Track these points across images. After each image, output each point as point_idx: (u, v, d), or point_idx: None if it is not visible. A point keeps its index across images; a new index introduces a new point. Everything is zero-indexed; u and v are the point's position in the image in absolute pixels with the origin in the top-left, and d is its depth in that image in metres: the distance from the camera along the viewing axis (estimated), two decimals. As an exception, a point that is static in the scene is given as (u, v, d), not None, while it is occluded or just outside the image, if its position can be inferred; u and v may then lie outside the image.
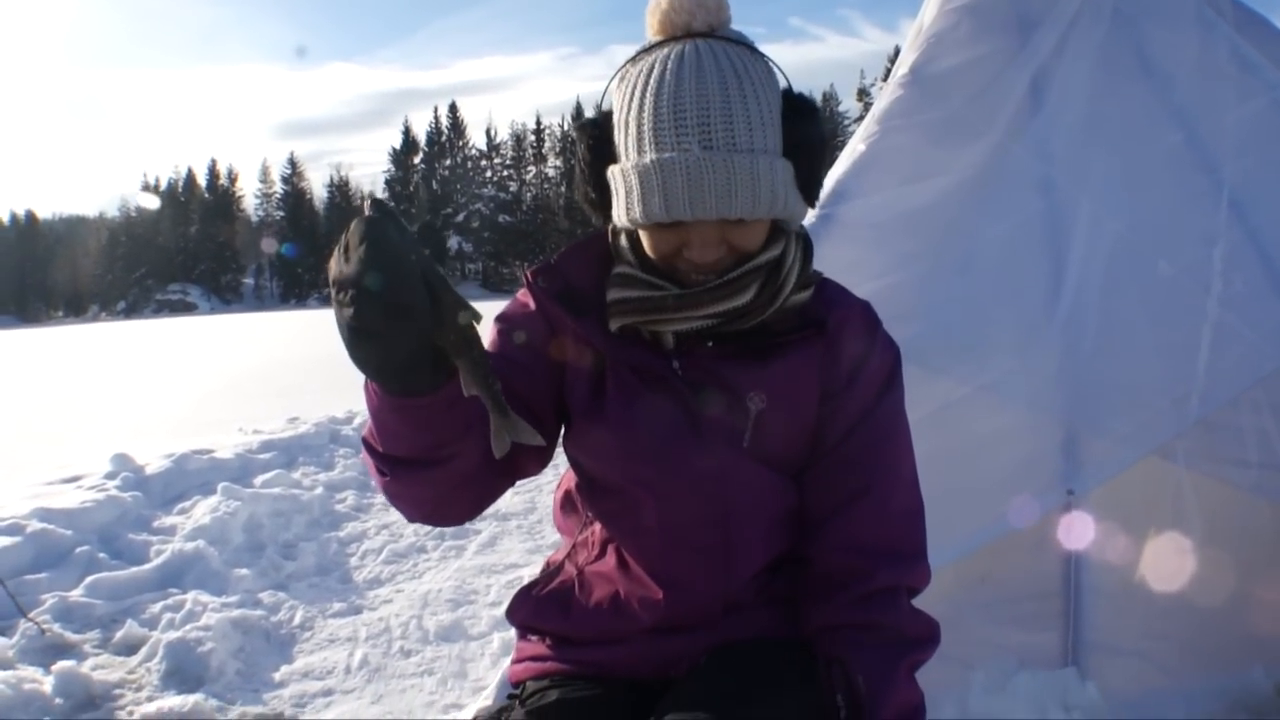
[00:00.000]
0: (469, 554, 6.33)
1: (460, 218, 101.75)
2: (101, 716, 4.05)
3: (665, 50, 1.67)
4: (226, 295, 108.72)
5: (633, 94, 1.68)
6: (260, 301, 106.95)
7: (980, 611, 3.54)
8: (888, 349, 1.86)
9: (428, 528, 6.80)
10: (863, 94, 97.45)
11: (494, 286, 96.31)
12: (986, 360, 3.61)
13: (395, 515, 7.22)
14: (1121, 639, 3.72)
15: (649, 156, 1.63)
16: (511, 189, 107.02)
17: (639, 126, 1.65)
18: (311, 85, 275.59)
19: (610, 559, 1.85)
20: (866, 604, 1.71)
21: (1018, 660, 3.60)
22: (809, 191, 1.75)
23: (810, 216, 3.83)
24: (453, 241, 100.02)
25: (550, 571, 1.97)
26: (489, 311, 1.66)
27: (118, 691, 4.28)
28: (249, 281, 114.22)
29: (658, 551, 1.78)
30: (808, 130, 1.71)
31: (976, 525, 3.25)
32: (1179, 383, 3.62)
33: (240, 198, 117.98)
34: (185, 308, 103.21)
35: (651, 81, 1.65)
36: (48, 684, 4.20)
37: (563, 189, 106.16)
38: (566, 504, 1.99)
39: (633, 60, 1.72)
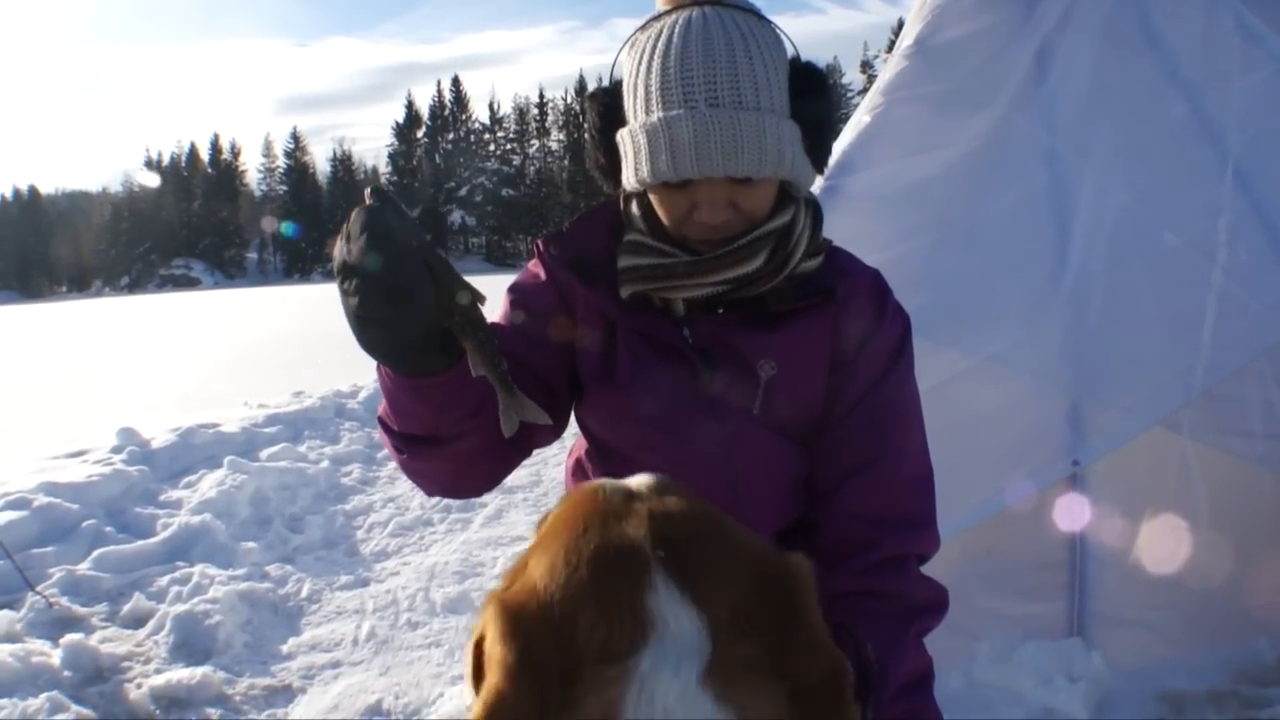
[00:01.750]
0: (475, 527, 6.36)
1: (463, 192, 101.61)
2: (110, 689, 4.07)
3: (673, 17, 1.68)
4: (230, 270, 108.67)
5: (641, 58, 1.68)
6: (264, 276, 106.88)
7: (986, 582, 3.56)
8: (898, 317, 1.83)
9: (434, 501, 6.82)
10: (866, 66, 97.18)
11: (497, 260, 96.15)
12: (992, 332, 3.63)
13: (401, 488, 7.27)
14: (1126, 609, 3.75)
15: (656, 115, 1.64)
16: (515, 163, 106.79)
17: (646, 87, 1.66)
18: (313, 60, 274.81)
19: None
20: (876, 572, 1.70)
21: (1023, 631, 3.63)
22: (817, 158, 1.74)
23: (816, 187, 3.83)
24: (456, 216, 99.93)
25: None
26: (493, 285, 1.66)
27: (126, 664, 4.30)
28: (252, 256, 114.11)
29: None
30: (815, 97, 1.71)
31: (982, 497, 3.27)
32: (1184, 354, 3.64)
33: (243, 173, 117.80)
34: (189, 283, 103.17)
35: (659, 45, 1.66)
36: (56, 656, 4.22)
37: (566, 162, 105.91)
38: (578, 471, 1.98)
39: (642, 28, 1.72)
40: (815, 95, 1.71)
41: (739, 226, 1.70)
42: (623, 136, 1.72)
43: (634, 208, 1.80)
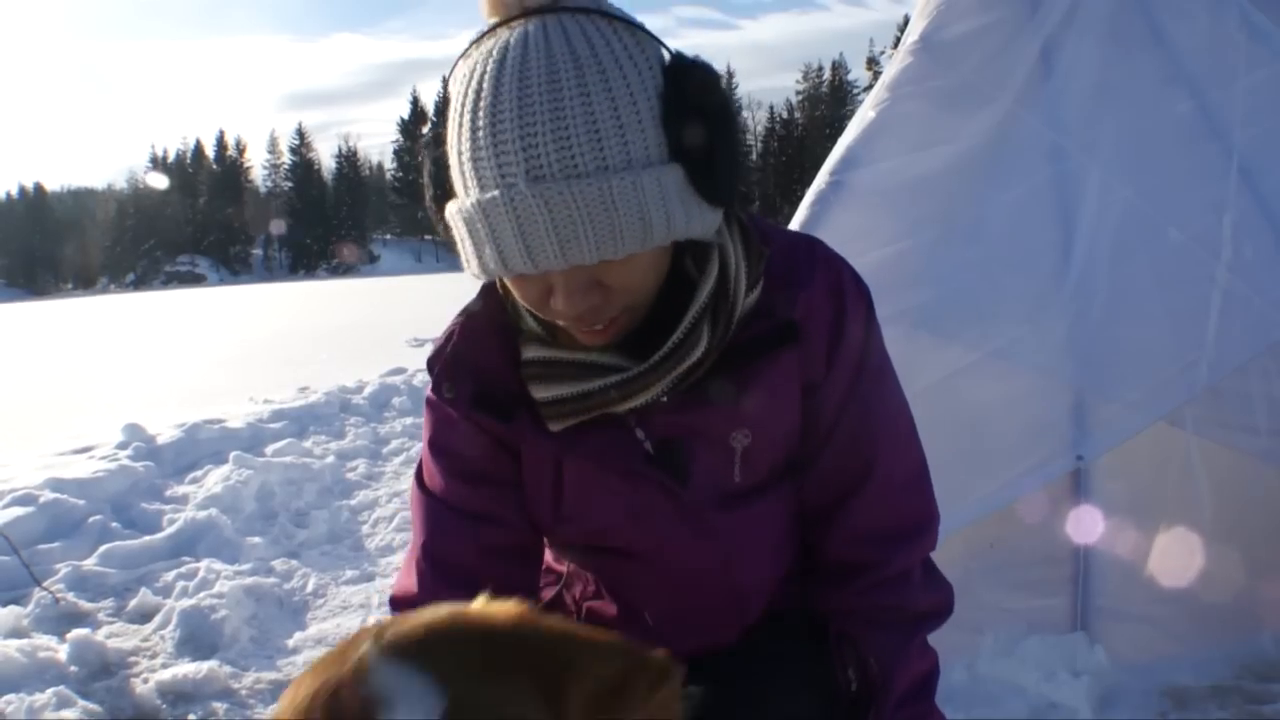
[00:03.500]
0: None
1: None
2: (116, 684, 4.08)
3: (490, 43, 1.31)
4: (235, 267, 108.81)
5: (456, 108, 1.33)
6: (269, 273, 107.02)
7: (989, 577, 3.56)
8: (858, 301, 1.61)
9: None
10: (872, 63, 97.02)
11: None
12: (996, 326, 3.62)
13: (406, 483, 7.28)
14: (1130, 604, 3.75)
15: (472, 196, 1.30)
16: None
17: (459, 156, 1.32)
18: (318, 56, 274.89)
19: (609, 601, 1.72)
20: (879, 590, 1.63)
21: (1026, 625, 3.63)
22: (715, 188, 1.36)
23: (820, 182, 3.84)
24: None
25: (547, 607, 1.76)
26: None
27: (132, 659, 4.32)
28: (258, 253, 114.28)
29: (664, 600, 1.66)
30: (703, 108, 1.32)
31: (986, 491, 3.27)
32: (1188, 349, 3.65)
33: (248, 169, 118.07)
34: (194, 279, 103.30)
35: (470, 92, 1.30)
36: (62, 652, 4.24)
37: None
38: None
39: (463, 55, 1.36)
40: (701, 106, 1.32)
41: (617, 305, 1.39)
42: (450, 216, 1.38)
43: (517, 297, 1.46)
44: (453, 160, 1.33)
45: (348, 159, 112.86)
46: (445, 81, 1.37)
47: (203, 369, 15.01)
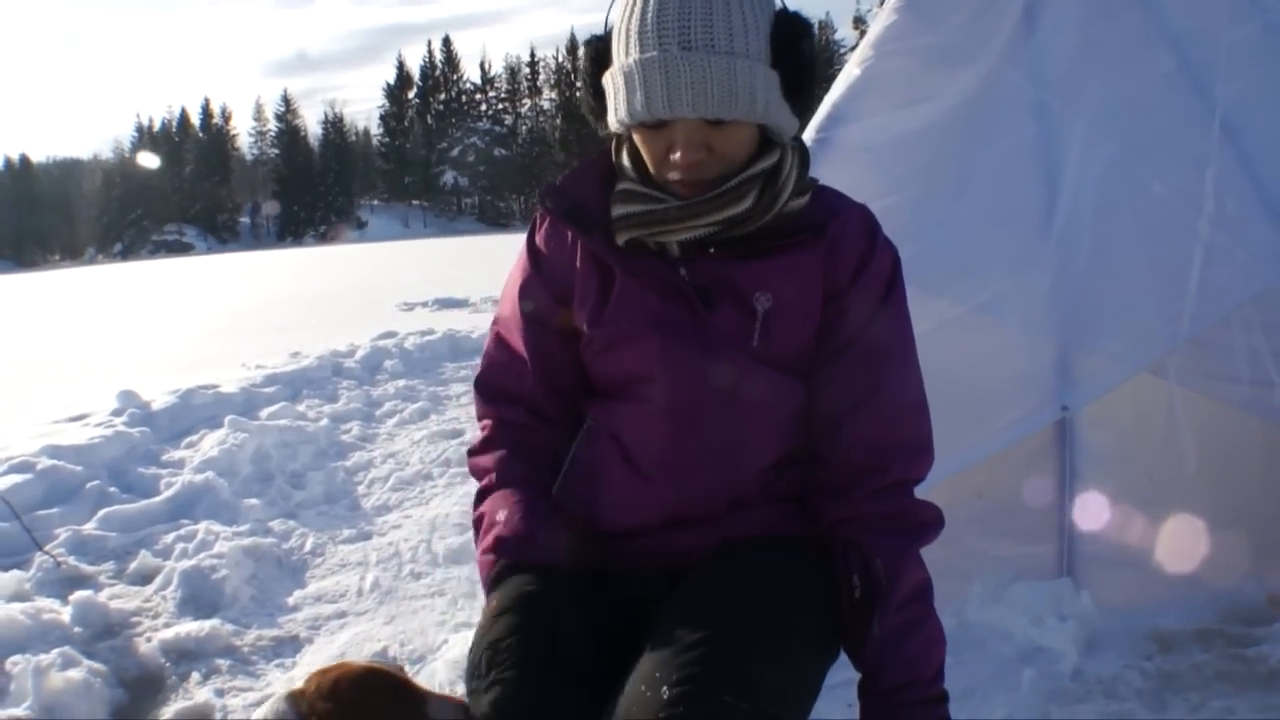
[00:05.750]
0: (474, 480, 6.40)
1: (455, 152, 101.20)
2: (120, 643, 4.15)
3: None
4: (223, 235, 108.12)
5: (628, 4, 1.76)
6: (257, 240, 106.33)
7: (977, 525, 3.63)
8: (887, 249, 1.91)
9: (434, 455, 7.10)
10: (858, 22, 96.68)
11: (490, 220, 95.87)
12: (982, 280, 3.69)
13: (401, 444, 7.41)
14: (1115, 551, 3.82)
15: (634, 57, 1.72)
16: (506, 122, 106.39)
17: (627, 32, 1.74)
18: (303, 22, 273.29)
19: (615, 454, 1.90)
20: (883, 496, 1.81)
21: (1014, 572, 3.72)
22: (798, 104, 1.81)
23: (807, 139, 3.89)
24: (449, 176, 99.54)
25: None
26: (487, 244, 1.76)
27: (135, 619, 4.39)
28: (245, 221, 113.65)
29: (666, 446, 1.85)
30: (797, 46, 1.76)
31: (972, 441, 3.33)
32: (1171, 301, 3.70)
33: (234, 137, 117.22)
34: (182, 248, 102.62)
35: None
36: (66, 614, 4.30)
37: (558, 121, 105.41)
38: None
39: None
40: (797, 44, 1.76)
41: (715, 168, 1.78)
42: (607, 79, 1.81)
43: (624, 158, 1.90)
44: (620, 37, 1.76)
45: (334, 125, 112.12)
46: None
47: (194, 336, 15.04)
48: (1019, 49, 4.26)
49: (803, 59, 1.77)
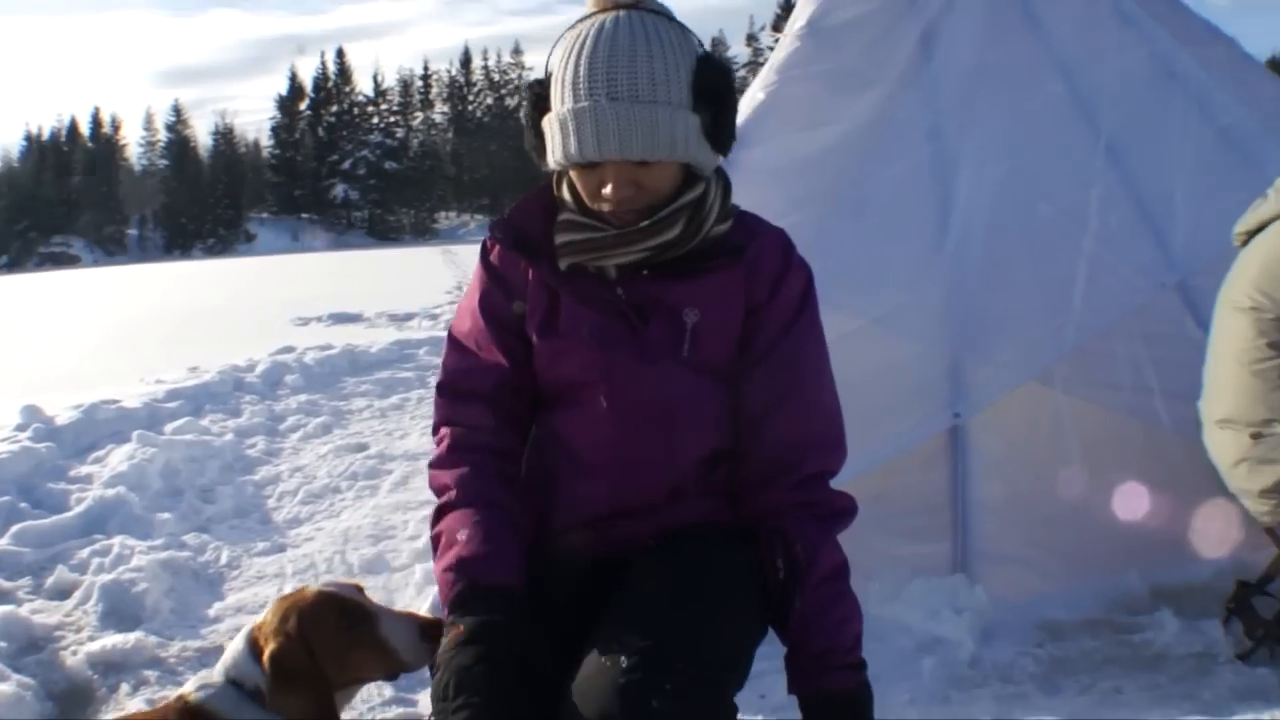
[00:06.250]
0: (383, 493, 6.46)
1: (346, 165, 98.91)
2: (46, 657, 4.13)
3: (593, 20, 1.98)
4: (110, 247, 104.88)
5: (564, 54, 1.98)
6: (144, 252, 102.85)
7: (876, 526, 3.76)
8: (802, 268, 2.13)
9: (341, 469, 7.02)
10: (751, 39, 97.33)
11: (380, 234, 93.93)
12: (879, 295, 3.91)
13: (307, 459, 7.40)
14: (1006, 548, 4.03)
15: (568, 106, 1.94)
16: (398, 135, 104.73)
17: (563, 81, 1.96)
18: (193, 31, 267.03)
19: (562, 457, 2.10)
20: (801, 487, 2.01)
21: (911, 569, 3.90)
22: (718, 140, 2.02)
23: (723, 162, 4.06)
24: (339, 189, 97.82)
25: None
26: (375, 259, 1.89)
27: (58, 633, 4.36)
28: (133, 233, 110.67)
29: (609, 445, 2.04)
30: (718, 88, 1.98)
31: (871, 447, 3.51)
32: (1057, 314, 3.97)
33: (124, 147, 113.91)
34: (68, 260, 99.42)
35: (575, 45, 1.96)
36: (-12, 629, 4.27)
37: (450, 135, 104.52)
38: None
39: (571, 27, 2.02)
40: (718, 86, 1.99)
41: (643, 200, 1.98)
42: (547, 121, 2.01)
43: (564, 192, 2.10)
44: (557, 85, 1.97)
45: (224, 136, 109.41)
46: (552, 46, 2.04)
47: (89, 350, 14.67)
48: (915, 75, 4.50)
49: (722, 101, 1.99)
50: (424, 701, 2.22)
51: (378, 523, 5.74)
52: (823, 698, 1.94)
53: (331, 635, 2.00)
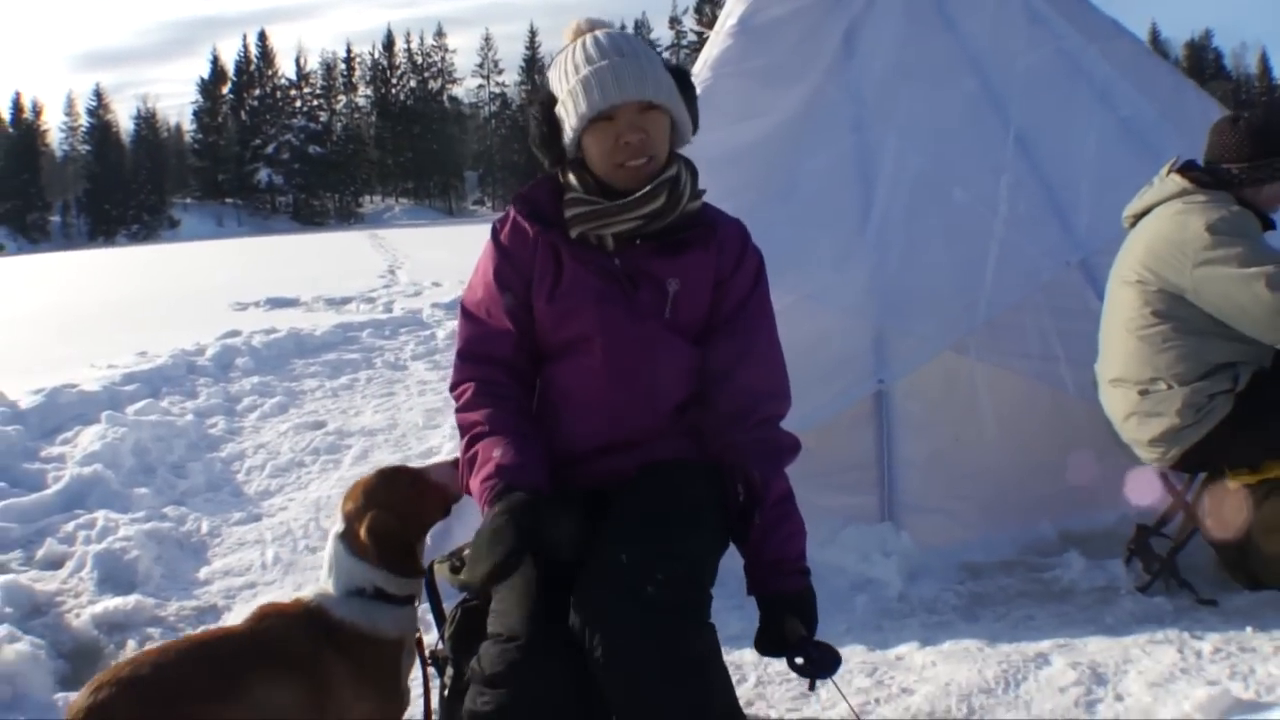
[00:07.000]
0: (346, 465, 6.74)
1: (270, 150, 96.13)
2: (51, 620, 4.34)
3: (578, 39, 2.48)
4: (33, 235, 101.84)
5: (564, 61, 2.46)
6: (68, 240, 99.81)
7: (810, 480, 4.01)
8: (756, 253, 2.60)
9: (303, 444, 7.29)
10: (674, 22, 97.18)
11: (305, 219, 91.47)
12: (808, 274, 4.25)
13: (268, 436, 7.64)
14: (928, 500, 4.41)
15: (585, 70, 2.39)
16: (322, 119, 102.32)
17: (575, 64, 2.43)
18: (111, 12, 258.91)
19: (563, 400, 2.50)
20: (757, 428, 2.44)
21: (844, 519, 4.25)
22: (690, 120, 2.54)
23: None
24: (263, 174, 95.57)
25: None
26: (302, 243, 2.13)
27: (60, 598, 4.56)
28: (56, 220, 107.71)
29: (603, 389, 2.43)
30: (684, 80, 2.52)
31: (803, 412, 3.82)
32: (971, 290, 4.33)
33: (45, 132, 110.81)
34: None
35: (577, 48, 2.45)
36: (-8, 596, 4.45)
37: (373, 118, 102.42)
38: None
39: (561, 51, 2.51)
40: (684, 79, 2.52)
41: (648, 149, 2.41)
42: (563, 99, 2.45)
43: (571, 177, 2.49)
44: (568, 74, 2.43)
45: (146, 120, 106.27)
46: (547, 75, 2.55)
47: (35, 339, 14.26)
48: (839, 70, 4.84)
49: (689, 90, 2.52)
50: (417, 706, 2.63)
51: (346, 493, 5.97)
52: (777, 596, 2.38)
53: (404, 492, 2.54)
